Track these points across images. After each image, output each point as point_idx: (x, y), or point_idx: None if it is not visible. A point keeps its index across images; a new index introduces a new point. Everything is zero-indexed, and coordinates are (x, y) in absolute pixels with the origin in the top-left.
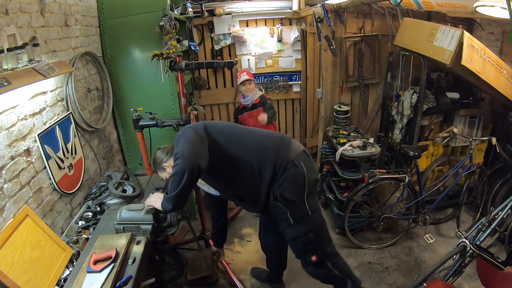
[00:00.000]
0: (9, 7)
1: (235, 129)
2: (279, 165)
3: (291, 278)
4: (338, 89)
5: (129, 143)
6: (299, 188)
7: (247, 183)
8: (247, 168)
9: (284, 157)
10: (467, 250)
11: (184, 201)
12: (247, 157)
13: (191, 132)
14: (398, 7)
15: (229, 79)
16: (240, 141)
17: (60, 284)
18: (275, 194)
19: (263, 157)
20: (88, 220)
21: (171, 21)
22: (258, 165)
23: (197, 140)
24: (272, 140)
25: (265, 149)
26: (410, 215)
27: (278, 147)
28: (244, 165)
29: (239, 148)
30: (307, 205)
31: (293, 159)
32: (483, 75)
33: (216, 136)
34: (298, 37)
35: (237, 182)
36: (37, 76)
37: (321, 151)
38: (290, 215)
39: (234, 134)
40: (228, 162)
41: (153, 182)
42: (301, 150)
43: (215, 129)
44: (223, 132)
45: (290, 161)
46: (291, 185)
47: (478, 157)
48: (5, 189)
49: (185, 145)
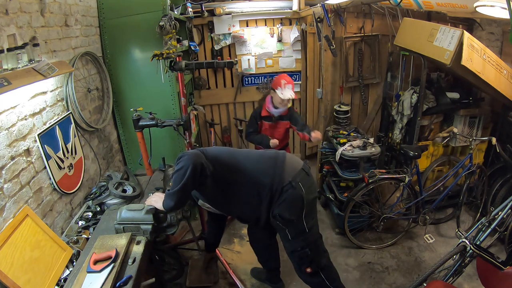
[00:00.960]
0: (9, 7)
1: (230, 155)
2: (275, 188)
3: (291, 278)
4: (338, 89)
5: (129, 143)
6: (297, 209)
7: (247, 207)
8: (246, 194)
9: (280, 180)
10: (467, 250)
11: (185, 198)
12: (245, 184)
13: (190, 154)
14: (398, 7)
15: (229, 79)
16: (237, 168)
17: (60, 284)
18: (274, 213)
19: (259, 182)
20: (88, 220)
21: (171, 21)
22: (256, 190)
23: (197, 160)
24: (266, 163)
25: (260, 174)
26: (410, 215)
27: (273, 171)
28: (243, 191)
29: (236, 176)
30: (305, 223)
31: (290, 180)
32: (483, 75)
33: (213, 164)
34: (298, 37)
35: (238, 207)
36: (37, 76)
37: (321, 151)
38: (289, 232)
39: (230, 161)
40: (227, 189)
41: (153, 182)
42: (299, 169)
43: (211, 157)
44: (219, 160)
45: (287, 183)
46: (289, 206)
47: (478, 157)
48: (5, 189)
49: (187, 154)
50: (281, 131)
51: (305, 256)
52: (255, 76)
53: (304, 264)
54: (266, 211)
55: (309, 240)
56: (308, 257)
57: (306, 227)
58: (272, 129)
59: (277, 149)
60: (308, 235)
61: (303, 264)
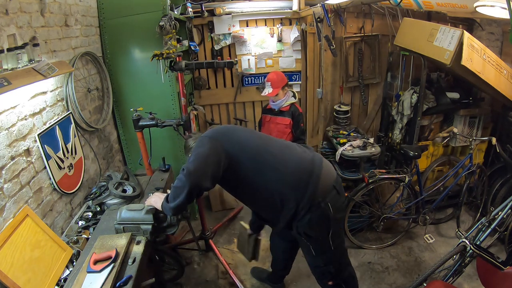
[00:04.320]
0: (9, 7)
1: (258, 151)
2: (302, 206)
3: (291, 278)
4: (338, 89)
5: (129, 143)
6: (323, 228)
7: (268, 211)
8: (269, 201)
9: (310, 197)
10: (467, 250)
11: (183, 210)
12: (269, 188)
13: (208, 146)
14: (398, 7)
15: (229, 79)
16: (263, 170)
17: (60, 284)
18: (298, 230)
19: (286, 193)
20: (88, 220)
21: (171, 21)
22: (280, 198)
23: (210, 159)
24: (300, 176)
25: (290, 186)
26: (410, 215)
27: (304, 188)
28: (266, 198)
29: (261, 178)
30: (331, 242)
31: (319, 200)
32: (483, 75)
33: (236, 158)
34: (298, 37)
35: (256, 205)
36: (37, 76)
37: (321, 151)
38: (313, 248)
39: (257, 159)
40: (248, 187)
41: (153, 182)
42: (331, 186)
43: (237, 148)
44: (245, 154)
45: (317, 202)
46: (315, 225)
47: (478, 157)
48: (5, 189)
49: (195, 162)
50: (281, 128)
51: (327, 272)
52: (255, 76)
53: (326, 278)
54: (286, 221)
55: (333, 258)
56: (331, 273)
57: (331, 245)
58: (272, 123)
59: None
60: (333, 252)
61: (325, 278)
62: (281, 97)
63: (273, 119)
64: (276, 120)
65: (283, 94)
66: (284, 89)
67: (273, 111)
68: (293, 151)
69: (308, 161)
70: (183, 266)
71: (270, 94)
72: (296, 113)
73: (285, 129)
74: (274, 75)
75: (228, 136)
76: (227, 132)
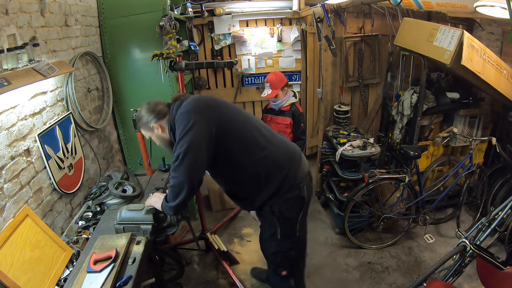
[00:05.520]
0: (9, 7)
1: (246, 128)
2: (285, 184)
3: None
4: (338, 89)
5: (129, 143)
6: (296, 210)
7: (248, 188)
8: (253, 176)
9: (292, 177)
10: (467, 250)
11: (183, 208)
12: (257, 167)
13: (198, 128)
14: (398, 7)
15: (229, 79)
16: (252, 146)
17: (60, 284)
18: (273, 208)
19: (273, 171)
20: (88, 220)
21: (171, 21)
22: (266, 177)
23: (203, 145)
24: (286, 156)
25: (277, 164)
26: (410, 215)
27: (289, 165)
28: (251, 173)
29: (249, 153)
30: (298, 226)
31: (299, 181)
32: (483, 75)
33: (226, 133)
34: (298, 37)
35: (238, 185)
36: (37, 76)
37: (321, 151)
38: (280, 231)
39: (246, 134)
40: (234, 167)
41: (153, 182)
42: (307, 172)
43: (226, 123)
44: (237, 137)
45: (297, 183)
46: (291, 205)
47: (478, 157)
48: (5, 189)
49: (188, 154)
50: (281, 128)
51: (288, 258)
52: (255, 76)
53: (283, 266)
54: (265, 200)
55: (296, 244)
56: (291, 259)
57: (297, 230)
58: (273, 123)
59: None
60: (297, 238)
61: (282, 266)
62: (281, 97)
63: (274, 118)
64: (276, 120)
65: (283, 95)
66: (284, 90)
67: (273, 111)
68: (280, 136)
69: (292, 145)
70: (183, 266)
71: (270, 96)
72: (297, 113)
73: (286, 129)
74: (273, 76)
75: (216, 109)
76: (214, 104)
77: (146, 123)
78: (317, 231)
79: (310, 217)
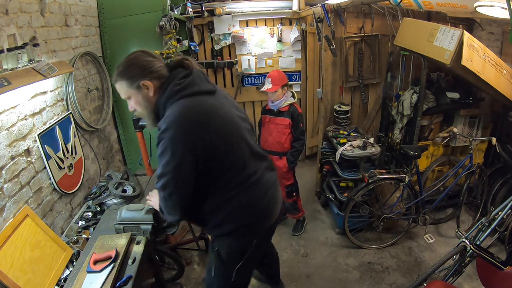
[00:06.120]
0: (9, 7)
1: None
2: (237, 233)
3: (291, 278)
4: (338, 89)
5: (129, 143)
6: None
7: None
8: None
9: (250, 232)
10: (467, 250)
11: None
12: (226, 201)
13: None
14: (398, 7)
15: (229, 79)
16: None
17: (60, 284)
18: (214, 246)
19: (236, 214)
20: (88, 220)
21: (171, 21)
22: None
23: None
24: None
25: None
26: (410, 215)
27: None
28: (217, 204)
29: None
30: (234, 273)
31: (253, 238)
32: (483, 75)
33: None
34: (298, 37)
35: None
36: (37, 76)
37: (321, 151)
38: (214, 269)
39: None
40: (205, 191)
41: (153, 182)
42: (270, 225)
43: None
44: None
45: (250, 240)
46: (232, 253)
47: (478, 157)
48: (5, 189)
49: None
50: (280, 129)
51: None
52: (255, 76)
53: None
54: (211, 233)
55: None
56: None
57: (233, 276)
58: (272, 124)
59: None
60: (231, 284)
61: None
62: (280, 96)
63: (273, 119)
64: (275, 121)
65: (282, 94)
66: (283, 89)
67: (272, 112)
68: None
69: (278, 193)
70: (183, 266)
71: (270, 90)
72: (296, 113)
73: (285, 130)
74: (275, 73)
75: (207, 129)
76: (205, 121)
77: (133, 77)
78: (317, 231)
79: (310, 217)
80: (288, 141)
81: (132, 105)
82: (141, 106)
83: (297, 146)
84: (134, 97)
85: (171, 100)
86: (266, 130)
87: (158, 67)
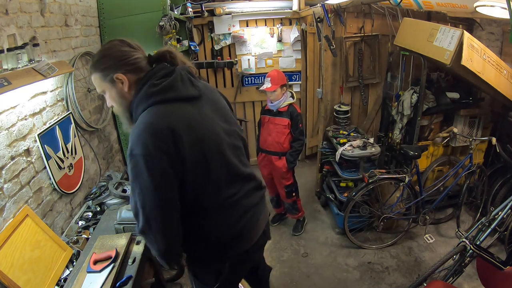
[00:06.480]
0: (9, 7)
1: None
2: (210, 255)
3: (291, 278)
4: (338, 89)
5: None
6: (211, 282)
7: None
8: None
9: (223, 256)
10: (467, 250)
11: None
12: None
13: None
14: (398, 7)
15: (229, 79)
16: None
17: (60, 284)
18: (190, 266)
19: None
20: (88, 220)
21: (171, 21)
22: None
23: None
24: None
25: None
26: (410, 215)
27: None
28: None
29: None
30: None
31: (226, 260)
32: (483, 75)
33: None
34: (298, 37)
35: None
36: (37, 76)
37: (321, 151)
38: (195, 285)
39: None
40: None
41: None
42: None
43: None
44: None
45: (221, 264)
46: (206, 275)
47: (478, 157)
48: (5, 189)
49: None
50: (280, 129)
51: None
52: (255, 76)
53: None
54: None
55: None
56: None
57: None
58: (271, 124)
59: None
60: None
61: None
62: (278, 96)
63: (272, 119)
64: (275, 121)
65: (281, 94)
66: (282, 89)
67: (271, 112)
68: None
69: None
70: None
71: (269, 89)
72: (295, 113)
73: (284, 130)
74: (275, 72)
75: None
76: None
77: (106, 69)
78: (317, 231)
79: (310, 217)
80: (287, 141)
81: (108, 98)
82: (115, 103)
83: (296, 146)
84: (108, 92)
85: (143, 104)
86: (265, 130)
87: (135, 58)
